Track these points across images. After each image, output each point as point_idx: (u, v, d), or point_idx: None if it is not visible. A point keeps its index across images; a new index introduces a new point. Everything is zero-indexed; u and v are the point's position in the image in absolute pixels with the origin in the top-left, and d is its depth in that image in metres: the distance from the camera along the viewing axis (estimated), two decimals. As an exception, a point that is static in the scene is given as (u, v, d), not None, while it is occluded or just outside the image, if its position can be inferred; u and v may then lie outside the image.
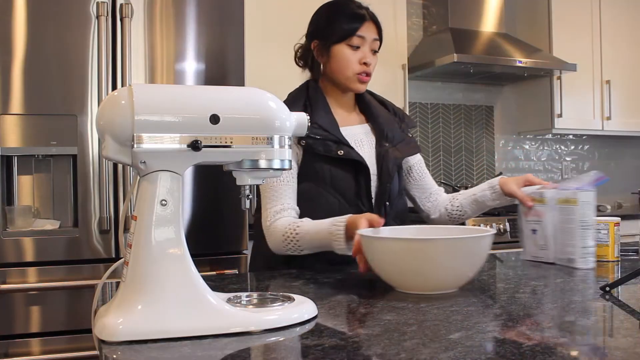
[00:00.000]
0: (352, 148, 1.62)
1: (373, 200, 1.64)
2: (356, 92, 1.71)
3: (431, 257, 1.13)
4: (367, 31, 1.65)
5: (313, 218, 1.52)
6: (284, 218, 1.53)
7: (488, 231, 1.19)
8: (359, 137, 1.69)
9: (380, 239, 1.23)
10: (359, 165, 1.61)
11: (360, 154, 1.63)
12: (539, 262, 1.54)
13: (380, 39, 1.69)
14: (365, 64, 1.64)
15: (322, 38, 1.67)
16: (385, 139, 1.70)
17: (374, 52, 1.68)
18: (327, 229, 1.42)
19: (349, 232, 1.37)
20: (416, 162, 1.81)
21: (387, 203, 1.66)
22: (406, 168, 1.80)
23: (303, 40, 1.75)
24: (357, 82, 1.66)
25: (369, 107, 1.75)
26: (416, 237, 1.32)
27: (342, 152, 1.59)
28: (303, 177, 1.60)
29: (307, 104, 1.66)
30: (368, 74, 1.66)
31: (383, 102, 1.81)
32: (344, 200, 1.60)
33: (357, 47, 1.64)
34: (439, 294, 1.15)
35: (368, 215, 1.35)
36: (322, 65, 1.69)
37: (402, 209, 1.74)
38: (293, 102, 1.64)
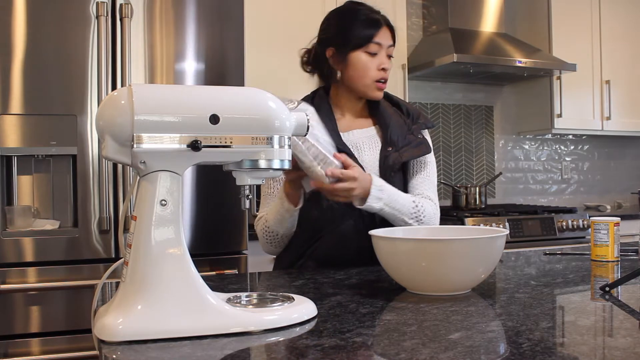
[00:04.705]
0: (350, 154, 1.59)
1: None
2: (373, 99, 1.68)
3: (444, 258, 1.12)
4: (383, 37, 1.63)
5: (315, 221, 1.56)
6: (260, 221, 1.67)
7: (502, 231, 1.19)
8: (360, 142, 1.67)
9: (392, 239, 1.22)
10: None
11: (360, 159, 1.62)
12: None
13: (394, 44, 1.68)
14: (383, 69, 1.63)
15: (338, 45, 1.64)
16: (389, 143, 1.65)
17: (389, 57, 1.67)
18: (279, 203, 1.58)
19: (290, 198, 1.54)
20: (418, 161, 1.69)
21: None
22: (412, 170, 1.70)
23: (309, 45, 1.73)
24: (375, 89, 1.65)
25: (378, 109, 1.72)
26: (429, 237, 1.32)
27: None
28: None
29: None
30: (385, 80, 1.66)
31: (398, 103, 1.76)
32: (345, 204, 1.59)
33: (375, 54, 1.63)
34: (439, 295, 1.15)
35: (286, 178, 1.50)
36: (339, 72, 1.66)
37: None
38: None
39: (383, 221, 1.60)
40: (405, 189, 1.68)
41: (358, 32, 1.63)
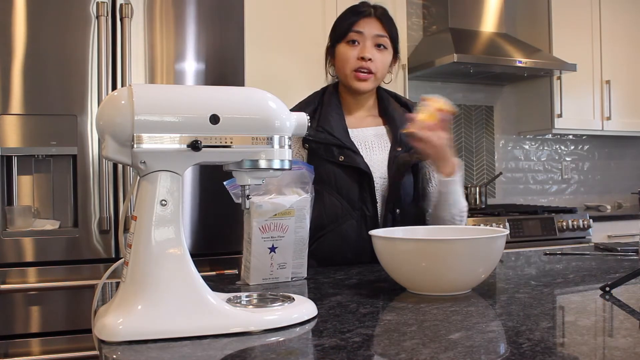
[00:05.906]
0: (356, 153, 1.59)
1: (379, 205, 1.61)
2: (358, 92, 1.66)
3: (444, 258, 1.12)
4: (365, 26, 1.62)
5: (317, 219, 1.54)
6: None
7: (502, 231, 1.18)
8: (369, 140, 1.66)
9: (392, 239, 1.21)
10: (361, 170, 1.59)
11: (368, 158, 1.62)
12: (273, 283, 1.33)
13: (391, 36, 1.65)
14: (362, 58, 1.60)
15: (330, 40, 1.69)
16: (398, 143, 1.65)
17: (379, 46, 1.63)
18: None
19: None
20: None
21: (398, 210, 1.62)
22: (428, 172, 1.73)
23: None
24: (354, 79, 1.62)
25: (387, 109, 1.71)
26: (429, 237, 1.31)
27: (343, 157, 1.58)
28: None
29: (318, 107, 1.65)
30: (368, 71, 1.61)
31: (406, 104, 1.75)
32: (348, 203, 1.59)
33: (355, 43, 1.61)
34: (439, 295, 1.15)
35: None
36: (332, 68, 1.70)
37: (417, 217, 1.67)
38: (304, 106, 1.64)
39: (385, 222, 1.60)
40: (416, 190, 1.68)
41: (341, 23, 1.65)
